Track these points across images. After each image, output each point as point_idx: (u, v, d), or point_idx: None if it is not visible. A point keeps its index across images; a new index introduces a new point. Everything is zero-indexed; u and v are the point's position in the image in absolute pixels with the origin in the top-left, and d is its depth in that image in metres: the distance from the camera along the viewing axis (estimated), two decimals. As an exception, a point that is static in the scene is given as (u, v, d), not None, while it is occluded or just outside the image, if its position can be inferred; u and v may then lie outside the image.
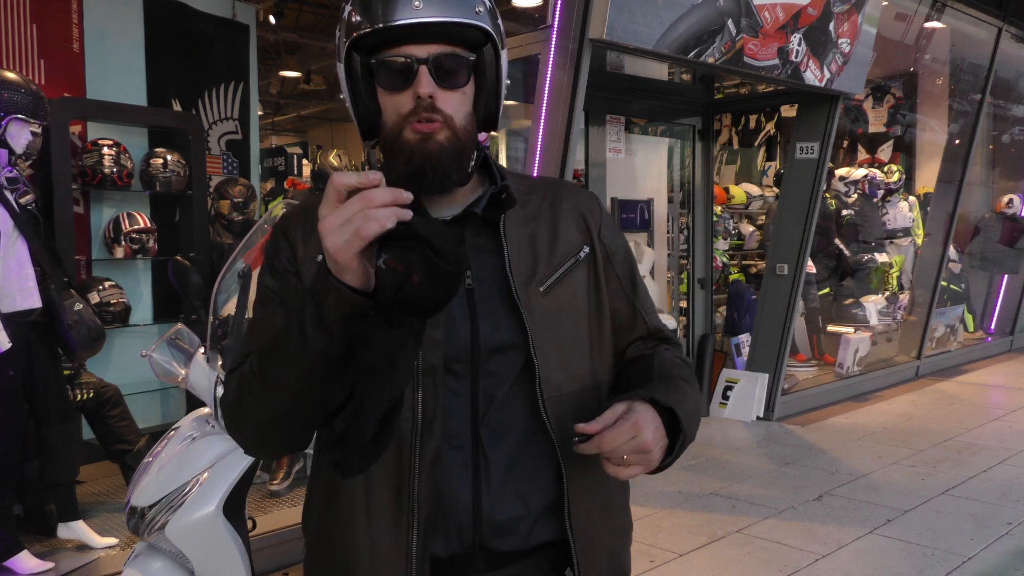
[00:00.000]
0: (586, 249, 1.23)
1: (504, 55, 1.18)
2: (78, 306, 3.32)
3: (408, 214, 0.91)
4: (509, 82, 1.20)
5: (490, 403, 1.15)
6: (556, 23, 4.27)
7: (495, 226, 1.18)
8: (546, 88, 4.30)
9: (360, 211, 0.90)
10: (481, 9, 1.12)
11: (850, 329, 7.31)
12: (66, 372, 3.58)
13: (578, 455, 1.14)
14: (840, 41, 5.69)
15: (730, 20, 4.85)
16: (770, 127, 9.77)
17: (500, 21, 1.17)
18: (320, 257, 1.07)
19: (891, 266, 8.14)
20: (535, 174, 4.26)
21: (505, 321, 1.15)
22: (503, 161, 5.84)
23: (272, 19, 8.36)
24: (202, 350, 2.42)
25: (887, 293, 7.92)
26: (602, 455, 1.04)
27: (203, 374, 2.36)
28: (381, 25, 1.09)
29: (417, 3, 1.08)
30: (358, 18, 1.11)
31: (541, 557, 1.19)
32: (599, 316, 1.23)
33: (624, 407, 1.05)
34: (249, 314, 2.39)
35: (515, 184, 1.24)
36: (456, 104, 1.13)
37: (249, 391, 1.10)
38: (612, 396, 1.22)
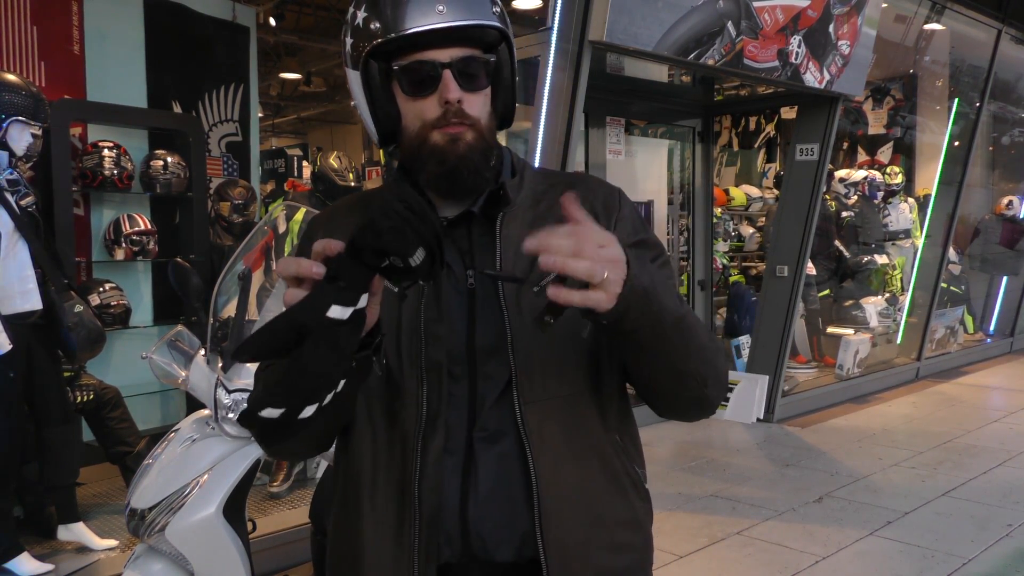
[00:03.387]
0: None
1: (515, 54, 1.19)
2: (78, 308, 3.32)
3: (338, 246, 0.89)
4: (518, 79, 1.20)
5: (483, 407, 1.12)
6: (556, 25, 4.27)
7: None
8: (546, 90, 4.30)
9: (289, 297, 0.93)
10: (497, 9, 1.12)
11: (850, 331, 7.32)
12: (66, 374, 3.58)
13: (555, 462, 1.11)
14: (840, 43, 5.69)
15: (730, 22, 4.85)
16: (770, 129, 9.78)
17: (509, 21, 1.17)
18: None
19: (893, 267, 8.14)
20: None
21: (496, 322, 1.12)
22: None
23: (272, 21, 8.37)
24: (202, 352, 2.43)
25: (887, 295, 7.92)
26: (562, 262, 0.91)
27: (203, 376, 2.36)
28: (403, 32, 1.07)
29: (440, 8, 1.07)
30: (376, 25, 1.09)
31: (537, 573, 1.12)
32: None
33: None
34: (250, 316, 2.39)
35: (533, 182, 1.22)
36: (480, 106, 1.13)
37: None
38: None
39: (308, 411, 0.95)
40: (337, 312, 0.88)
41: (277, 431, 0.99)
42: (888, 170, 8.34)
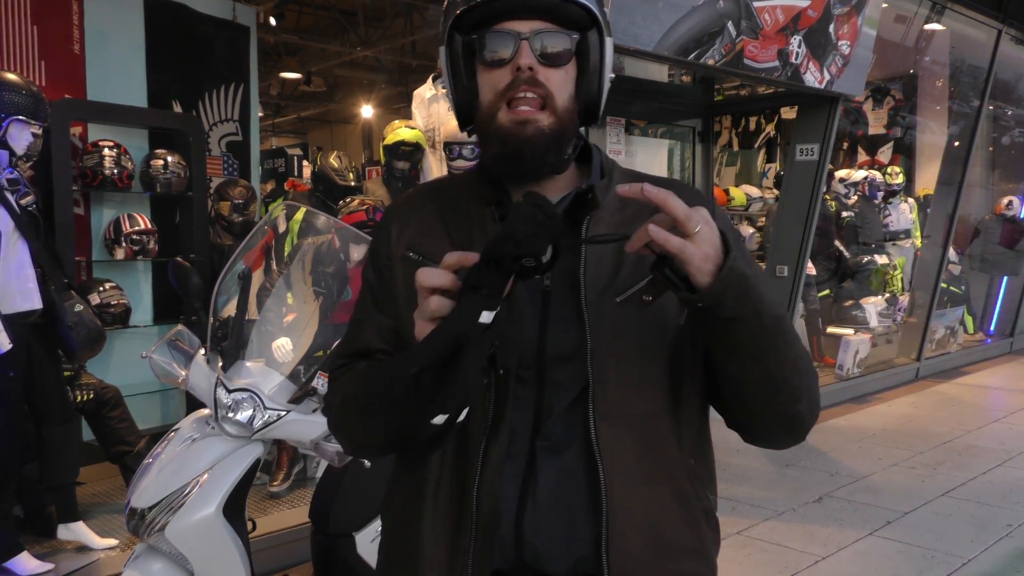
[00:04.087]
0: None
1: (609, 44, 1.13)
2: (78, 307, 3.32)
3: (473, 258, 0.94)
4: (614, 76, 1.16)
5: (549, 416, 1.08)
6: (556, 25, 4.26)
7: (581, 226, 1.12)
8: (546, 90, 4.29)
9: (424, 304, 0.96)
10: None
11: (850, 331, 7.32)
12: (66, 373, 3.58)
13: (626, 482, 1.06)
14: (840, 43, 5.69)
15: (730, 22, 4.85)
16: (770, 129, 9.78)
17: (607, 9, 1.12)
18: (411, 253, 1.15)
19: (894, 267, 8.14)
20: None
21: (573, 329, 1.07)
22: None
23: (272, 21, 8.38)
24: (202, 351, 2.42)
25: (887, 295, 7.92)
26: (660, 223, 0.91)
27: (203, 375, 2.36)
28: (482, 1, 1.06)
29: None
30: None
31: None
32: (693, 332, 1.10)
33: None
34: (250, 315, 2.39)
35: (622, 182, 1.15)
36: (558, 82, 1.08)
37: (354, 418, 1.15)
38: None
39: (463, 413, 0.99)
40: (486, 317, 0.93)
41: (437, 441, 1.02)
42: (889, 170, 8.34)
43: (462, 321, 0.93)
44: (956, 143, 8.11)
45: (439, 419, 0.97)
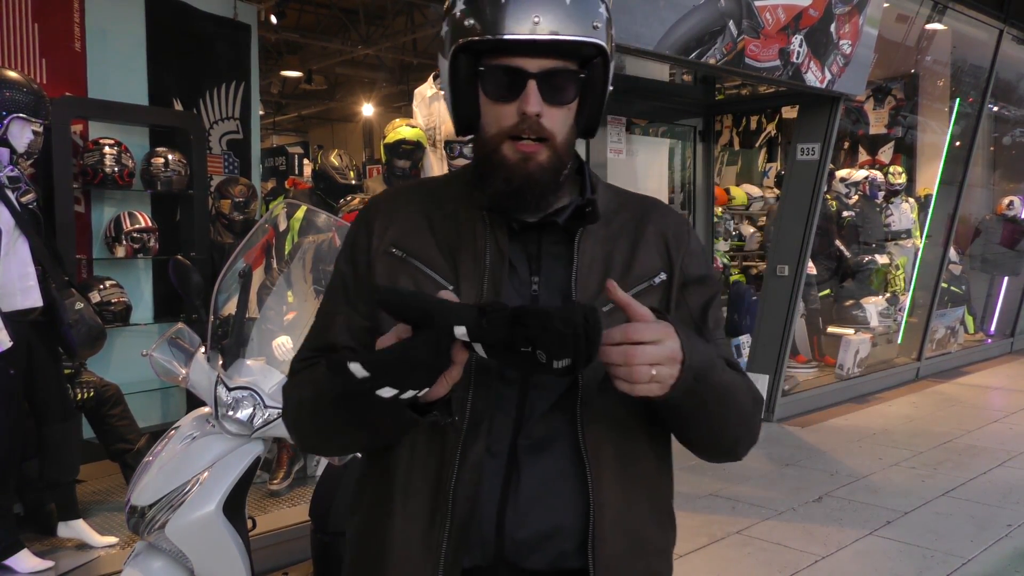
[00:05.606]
0: (663, 275, 1.18)
1: (611, 65, 1.15)
2: (79, 305, 3.32)
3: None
4: (612, 88, 1.16)
5: (531, 416, 1.12)
6: (557, 24, 4.26)
7: (573, 236, 1.16)
8: (547, 89, 4.29)
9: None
10: (599, 24, 1.08)
11: (851, 330, 7.31)
12: (66, 371, 3.58)
13: (610, 483, 1.11)
14: (841, 42, 5.69)
15: (731, 21, 4.85)
16: (771, 128, 9.78)
17: (613, 30, 1.13)
18: (394, 250, 1.16)
19: (897, 267, 8.14)
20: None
21: None
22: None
23: (273, 19, 8.36)
24: (202, 349, 2.42)
25: (888, 295, 7.92)
26: (611, 364, 0.97)
27: (203, 373, 2.36)
28: (492, 37, 1.06)
29: (536, 19, 1.04)
30: (471, 22, 1.07)
31: None
32: None
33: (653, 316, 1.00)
34: (250, 314, 2.39)
35: (606, 198, 1.21)
36: (560, 121, 1.11)
37: (303, 423, 1.19)
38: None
39: (386, 392, 0.97)
40: (460, 332, 0.94)
41: (348, 398, 1.03)
42: (891, 170, 8.34)
43: (443, 314, 0.94)
44: (957, 143, 8.10)
45: (356, 368, 0.95)
